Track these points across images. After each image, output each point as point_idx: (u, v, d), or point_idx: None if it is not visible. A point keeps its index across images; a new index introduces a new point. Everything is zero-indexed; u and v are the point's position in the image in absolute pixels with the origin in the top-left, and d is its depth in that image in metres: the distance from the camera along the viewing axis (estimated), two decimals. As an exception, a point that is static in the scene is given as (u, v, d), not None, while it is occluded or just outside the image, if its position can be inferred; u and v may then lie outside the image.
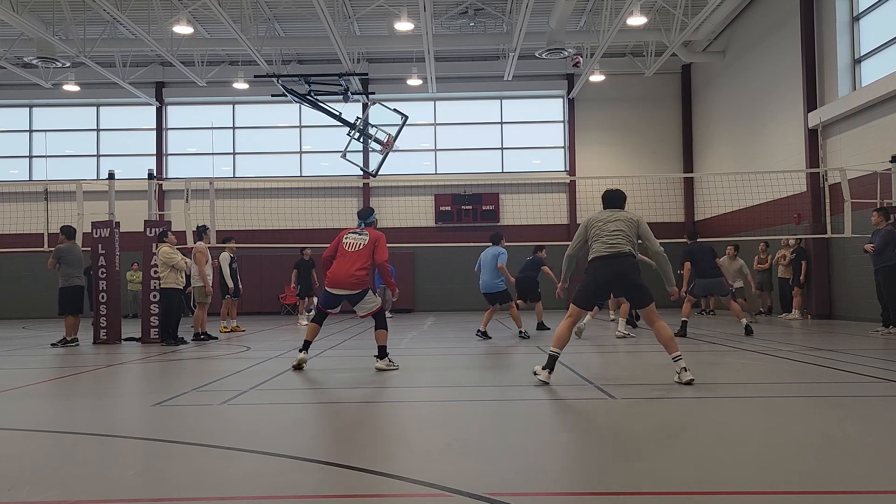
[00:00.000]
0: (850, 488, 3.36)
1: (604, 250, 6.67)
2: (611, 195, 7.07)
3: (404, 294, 25.47)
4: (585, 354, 9.48)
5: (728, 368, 7.79)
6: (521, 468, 3.78)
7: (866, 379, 6.73)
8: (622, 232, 6.70)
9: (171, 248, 11.93)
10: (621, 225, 6.75)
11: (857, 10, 16.28)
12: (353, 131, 16.96)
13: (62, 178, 24.19)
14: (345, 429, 4.96)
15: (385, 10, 20.75)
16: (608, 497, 3.25)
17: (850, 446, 4.19)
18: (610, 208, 6.99)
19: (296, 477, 3.67)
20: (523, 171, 26.11)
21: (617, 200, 7.02)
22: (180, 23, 19.68)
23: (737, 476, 3.57)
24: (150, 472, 3.93)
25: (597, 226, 6.83)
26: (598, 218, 6.90)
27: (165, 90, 26.44)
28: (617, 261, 6.62)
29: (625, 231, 6.71)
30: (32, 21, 19.26)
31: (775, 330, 13.32)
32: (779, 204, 18.24)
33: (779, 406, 5.48)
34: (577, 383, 6.80)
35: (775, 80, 19.16)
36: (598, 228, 6.81)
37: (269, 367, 8.36)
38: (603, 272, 6.65)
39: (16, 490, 3.45)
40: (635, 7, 17.85)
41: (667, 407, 5.51)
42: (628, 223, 6.77)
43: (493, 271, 12.13)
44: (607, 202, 7.05)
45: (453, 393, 6.59)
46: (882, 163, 14.27)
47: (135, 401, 6.58)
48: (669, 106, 26.08)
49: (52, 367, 9.15)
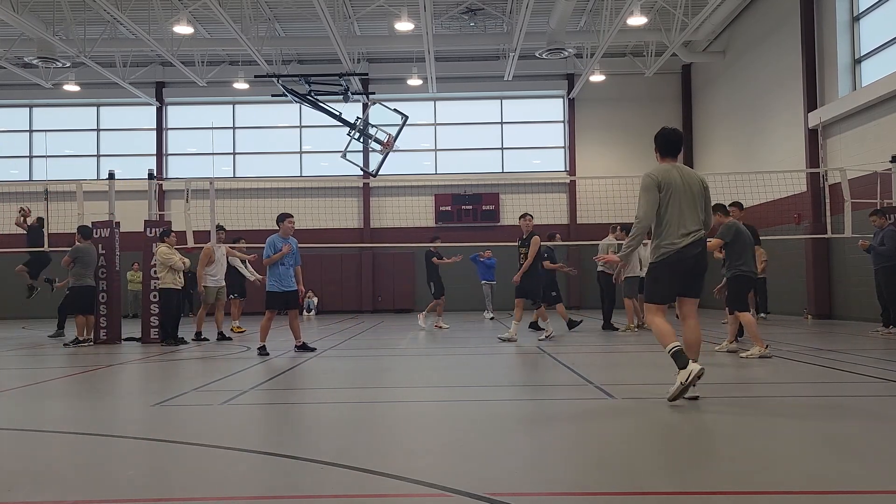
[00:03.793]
0: (850, 488, 3.36)
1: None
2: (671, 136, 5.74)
3: (405, 294, 25.49)
4: (585, 355, 9.48)
5: (728, 368, 7.79)
6: (521, 468, 3.78)
7: (866, 379, 6.73)
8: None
9: (169, 248, 11.86)
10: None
11: (857, 10, 16.28)
12: (353, 131, 16.97)
13: (62, 178, 24.15)
14: (345, 429, 4.96)
15: (385, 10, 20.75)
16: (608, 497, 3.25)
17: (850, 446, 4.18)
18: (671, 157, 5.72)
19: (296, 477, 3.67)
20: (523, 171, 26.12)
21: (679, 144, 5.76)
22: (180, 23, 19.69)
23: (737, 476, 3.57)
24: (150, 472, 3.93)
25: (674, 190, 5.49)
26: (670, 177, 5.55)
27: (165, 90, 26.44)
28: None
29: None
30: (32, 21, 19.25)
31: (775, 330, 13.32)
32: (779, 204, 18.23)
33: (779, 406, 5.48)
34: (577, 383, 6.80)
35: (775, 80, 19.16)
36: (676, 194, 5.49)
37: (270, 367, 8.36)
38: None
39: (16, 490, 3.45)
40: (635, 7, 17.85)
41: (667, 407, 5.50)
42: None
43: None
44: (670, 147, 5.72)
45: (453, 393, 6.58)
46: (882, 163, 14.26)
47: (135, 401, 6.58)
48: (669, 106, 26.08)
49: (52, 368, 9.15)
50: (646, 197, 5.50)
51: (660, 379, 6.79)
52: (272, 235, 9.98)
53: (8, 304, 24.43)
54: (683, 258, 5.46)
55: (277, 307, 9.87)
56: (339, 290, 25.29)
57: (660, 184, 5.49)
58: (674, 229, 5.46)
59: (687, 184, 5.54)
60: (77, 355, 10.48)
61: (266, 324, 9.77)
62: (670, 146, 5.70)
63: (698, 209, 5.54)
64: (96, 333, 12.52)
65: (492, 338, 12.02)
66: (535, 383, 6.92)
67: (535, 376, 7.39)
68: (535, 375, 7.45)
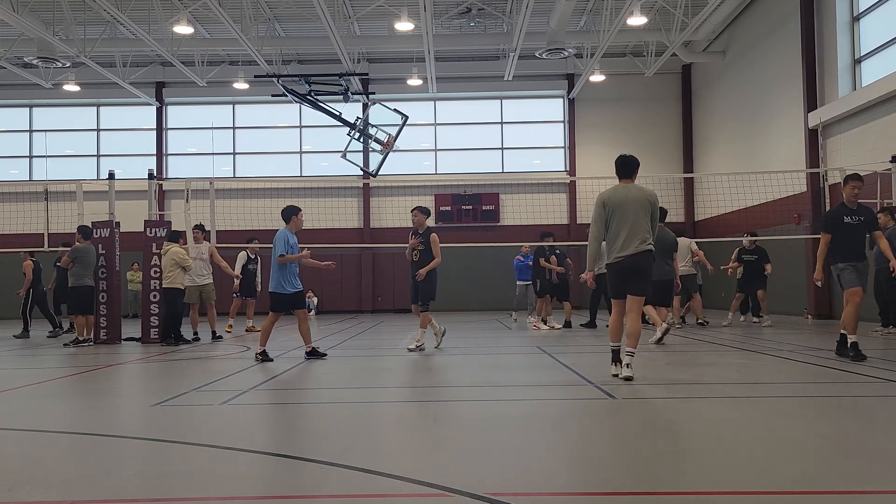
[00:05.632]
0: (850, 488, 3.36)
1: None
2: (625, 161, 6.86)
3: (405, 294, 25.46)
4: (586, 355, 9.48)
5: (728, 368, 7.79)
6: (521, 468, 3.78)
7: (866, 379, 6.73)
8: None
9: (180, 248, 12.04)
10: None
11: (857, 10, 16.28)
12: (353, 131, 16.95)
13: (62, 178, 24.17)
14: (344, 428, 4.96)
15: (385, 10, 20.75)
16: (608, 497, 3.25)
17: (850, 446, 4.18)
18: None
19: (296, 477, 3.67)
20: (523, 171, 26.12)
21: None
22: (180, 23, 19.69)
23: (737, 476, 3.57)
24: (150, 472, 3.93)
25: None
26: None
27: (165, 90, 26.44)
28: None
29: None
30: (32, 21, 19.25)
31: (776, 330, 13.32)
32: (779, 204, 18.23)
33: (779, 406, 5.48)
34: (577, 383, 6.80)
35: (775, 80, 19.16)
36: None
37: (269, 367, 8.35)
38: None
39: (16, 490, 3.45)
40: (635, 7, 17.85)
41: (667, 407, 5.51)
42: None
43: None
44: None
45: (453, 393, 6.58)
46: (882, 163, 14.27)
47: (135, 401, 6.58)
48: (669, 106, 26.08)
49: (52, 368, 9.15)
50: (594, 214, 6.65)
51: (660, 379, 6.79)
52: (282, 230, 9.19)
53: (8, 304, 24.45)
54: (623, 265, 6.53)
55: (283, 310, 9.25)
56: (339, 290, 25.30)
57: (605, 202, 6.57)
58: (616, 244, 6.53)
59: (632, 201, 6.50)
60: (77, 355, 10.48)
61: (268, 326, 9.11)
62: (624, 168, 6.80)
63: (642, 223, 6.50)
64: (96, 333, 12.51)
65: (492, 338, 12.01)
66: (535, 383, 6.91)
67: (535, 376, 7.39)
68: (535, 375, 7.45)
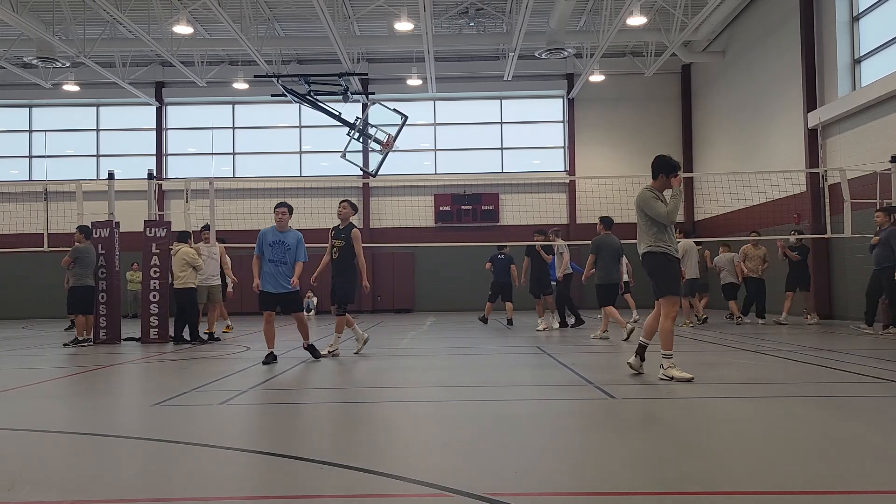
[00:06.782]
0: (850, 488, 3.36)
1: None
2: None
3: (405, 294, 25.50)
4: (585, 355, 9.48)
5: (728, 368, 7.79)
6: (521, 468, 3.78)
7: (866, 379, 6.73)
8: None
9: (190, 248, 12.13)
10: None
11: (857, 10, 16.28)
12: (353, 131, 16.94)
13: (62, 178, 24.18)
14: (344, 428, 4.96)
15: (385, 10, 20.75)
16: (608, 497, 3.25)
17: (850, 446, 4.18)
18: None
19: (296, 477, 3.67)
20: (523, 171, 26.12)
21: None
22: (180, 23, 19.68)
23: (737, 476, 3.57)
24: (150, 472, 3.93)
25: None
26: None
27: (165, 90, 26.44)
28: None
29: None
30: (32, 21, 19.25)
31: (775, 330, 13.32)
32: (779, 204, 18.24)
33: (779, 406, 5.48)
34: (577, 383, 6.80)
35: (775, 80, 19.16)
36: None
37: (269, 367, 8.36)
38: None
39: (16, 490, 3.45)
40: (635, 7, 17.85)
41: (667, 407, 5.51)
42: None
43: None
44: None
45: (453, 393, 6.58)
46: (882, 163, 14.27)
47: (135, 401, 6.58)
48: (669, 106, 26.09)
49: (52, 368, 9.15)
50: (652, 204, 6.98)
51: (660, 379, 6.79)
52: (265, 228, 9.15)
53: (8, 304, 24.47)
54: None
55: (267, 308, 9.05)
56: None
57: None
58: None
59: (636, 206, 7.03)
60: (77, 355, 10.48)
61: (266, 327, 8.93)
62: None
63: (641, 227, 7.05)
64: (96, 333, 12.52)
65: (492, 338, 12.02)
66: (535, 383, 6.92)
67: (535, 376, 7.39)
68: (535, 375, 7.45)
